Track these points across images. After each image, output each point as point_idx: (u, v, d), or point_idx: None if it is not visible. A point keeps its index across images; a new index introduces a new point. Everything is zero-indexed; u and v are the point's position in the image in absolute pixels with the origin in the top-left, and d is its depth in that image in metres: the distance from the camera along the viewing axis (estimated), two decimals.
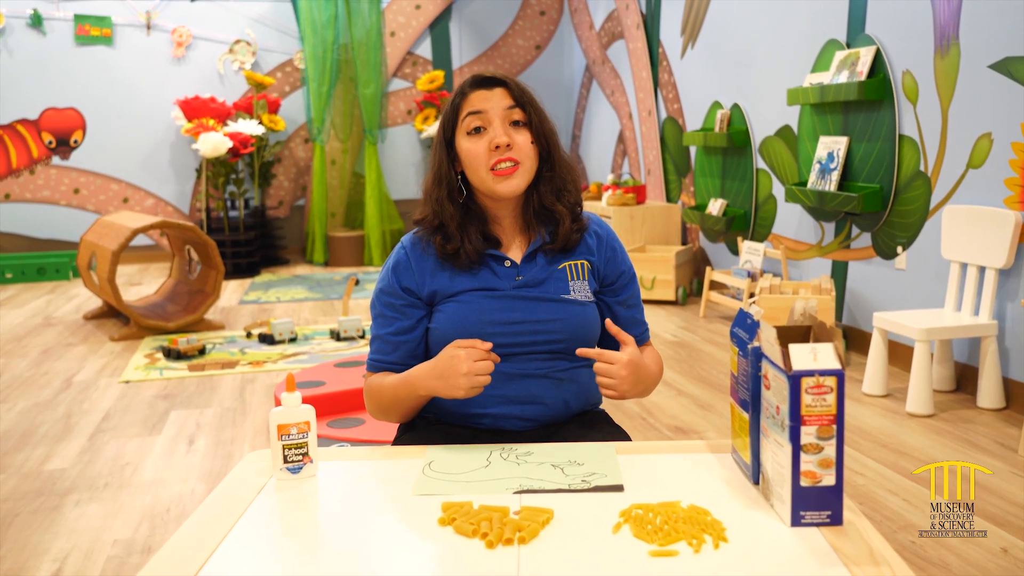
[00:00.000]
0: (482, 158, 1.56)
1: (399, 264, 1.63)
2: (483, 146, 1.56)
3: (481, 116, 1.57)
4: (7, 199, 7.54)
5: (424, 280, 1.61)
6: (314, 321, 5.35)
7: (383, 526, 1.17)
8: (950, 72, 3.59)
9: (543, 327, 1.58)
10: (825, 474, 1.12)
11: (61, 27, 7.46)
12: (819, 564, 1.04)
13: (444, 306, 1.60)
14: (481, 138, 1.57)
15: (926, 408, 3.34)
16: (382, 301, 1.64)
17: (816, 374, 1.10)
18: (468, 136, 1.58)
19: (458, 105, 1.60)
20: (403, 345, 1.62)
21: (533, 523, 1.12)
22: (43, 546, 2.41)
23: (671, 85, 6.27)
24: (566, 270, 1.63)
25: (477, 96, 1.58)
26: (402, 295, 1.62)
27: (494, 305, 1.58)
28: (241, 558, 1.10)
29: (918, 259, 3.88)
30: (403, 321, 1.62)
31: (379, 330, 1.64)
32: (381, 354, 1.64)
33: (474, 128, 1.57)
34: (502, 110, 1.57)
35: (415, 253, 1.63)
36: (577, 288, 1.62)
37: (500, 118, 1.57)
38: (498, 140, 1.55)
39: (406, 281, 1.62)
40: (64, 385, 4.04)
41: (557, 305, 1.59)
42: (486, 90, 1.59)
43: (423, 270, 1.61)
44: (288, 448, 1.31)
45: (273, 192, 8.05)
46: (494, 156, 1.55)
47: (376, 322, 1.65)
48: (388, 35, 8.03)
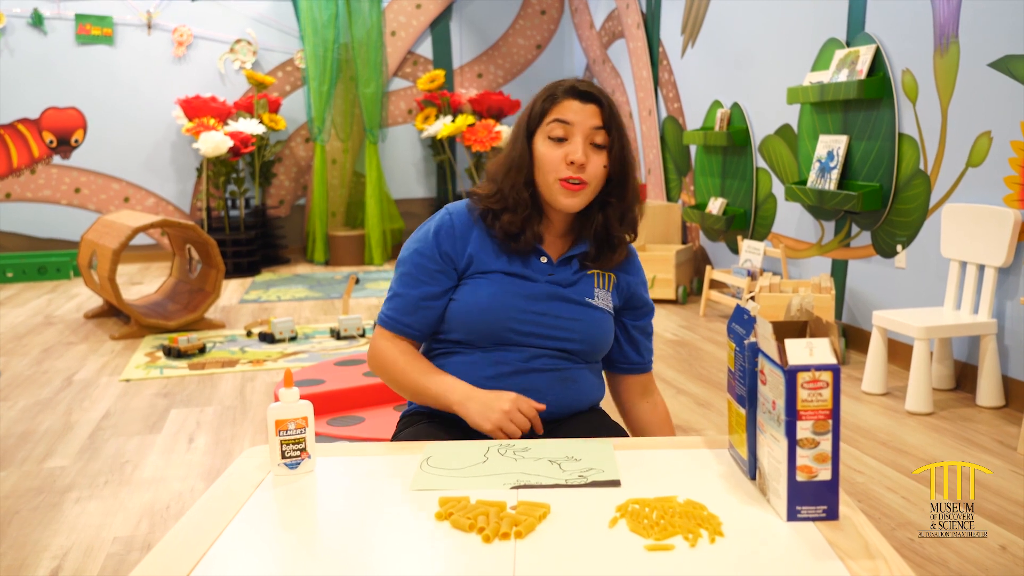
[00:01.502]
0: (554, 166, 1.58)
1: (442, 228, 1.64)
2: (559, 156, 1.57)
3: (566, 127, 1.58)
4: (8, 198, 7.55)
5: (464, 249, 1.63)
6: (314, 320, 5.36)
7: (380, 521, 1.17)
8: (950, 70, 3.59)
9: (562, 324, 1.61)
10: (821, 469, 1.12)
11: (62, 26, 7.47)
12: (815, 558, 1.04)
13: (474, 280, 1.62)
14: (560, 147, 1.58)
15: (925, 406, 3.34)
16: (414, 261, 1.64)
17: (812, 369, 1.10)
18: (548, 140, 1.59)
19: (548, 108, 1.61)
20: (423, 311, 1.63)
21: (530, 517, 1.13)
22: (43, 543, 2.42)
23: (671, 84, 6.27)
24: (594, 277, 1.67)
25: (569, 105, 1.59)
26: (438, 260, 1.63)
27: (522, 292, 1.60)
28: (238, 553, 1.10)
29: (918, 257, 3.88)
30: (431, 287, 1.62)
31: (403, 289, 1.64)
32: (399, 313, 1.64)
33: (557, 136, 1.58)
34: (588, 128, 1.58)
35: (461, 221, 1.65)
36: (601, 296, 1.66)
37: (583, 135, 1.58)
38: (575, 157, 1.56)
39: (446, 246, 1.63)
40: (65, 383, 4.04)
41: (579, 307, 1.63)
42: (580, 103, 1.59)
43: (466, 240, 1.63)
44: (286, 444, 1.32)
45: (274, 191, 8.05)
46: (565, 170, 1.57)
47: (401, 280, 1.65)
48: (389, 34, 8.03)
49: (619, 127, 1.60)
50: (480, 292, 1.60)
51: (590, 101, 1.59)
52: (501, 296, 1.59)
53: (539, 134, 1.61)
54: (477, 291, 1.60)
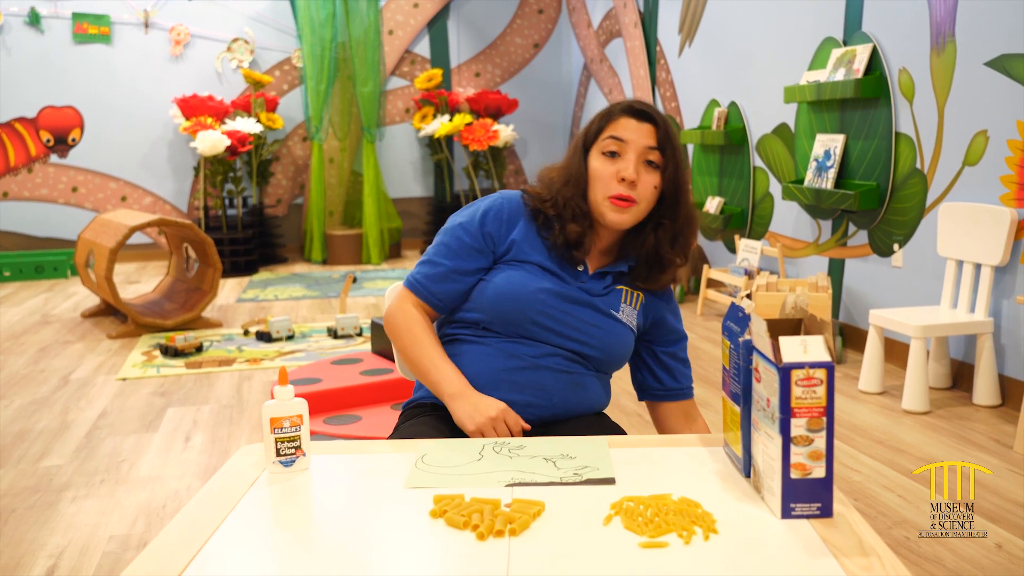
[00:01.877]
0: (605, 182, 1.60)
1: (492, 210, 1.67)
2: (611, 172, 1.59)
3: (620, 144, 1.59)
4: (5, 197, 7.54)
5: (508, 235, 1.66)
6: (312, 319, 5.35)
7: (375, 519, 1.17)
8: (946, 70, 3.60)
9: (584, 328, 1.63)
10: (815, 466, 1.12)
11: (59, 25, 7.46)
12: (809, 555, 1.04)
13: (510, 267, 1.64)
14: (612, 163, 1.60)
15: (922, 405, 3.34)
16: (456, 234, 1.66)
17: (806, 366, 1.10)
18: (602, 156, 1.61)
19: (604, 125, 1.63)
20: (451, 283, 1.65)
21: (524, 515, 1.13)
22: (39, 542, 2.41)
23: (668, 83, 6.28)
24: (622, 293, 1.69)
25: (625, 124, 1.60)
26: (480, 239, 1.65)
27: (552, 288, 1.62)
28: (233, 550, 1.10)
29: (914, 256, 3.88)
30: (465, 262, 1.65)
31: (438, 257, 1.66)
32: (428, 279, 1.66)
33: (610, 151, 1.60)
34: (642, 147, 1.59)
35: (512, 208, 1.68)
36: (626, 312, 1.68)
37: (637, 153, 1.59)
38: (626, 174, 1.58)
39: (491, 227, 1.66)
40: (61, 382, 4.04)
41: (604, 317, 1.65)
42: (636, 121, 1.60)
43: (512, 226, 1.66)
44: (281, 441, 1.31)
45: (271, 190, 8.05)
46: (616, 187, 1.59)
47: (438, 248, 1.67)
48: (386, 33, 8.03)
49: (674, 148, 1.61)
50: (513, 278, 1.63)
51: (646, 120, 1.61)
52: (532, 286, 1.62)
53: (594, 150, 1.63)
54: (511, 277, 1.63)
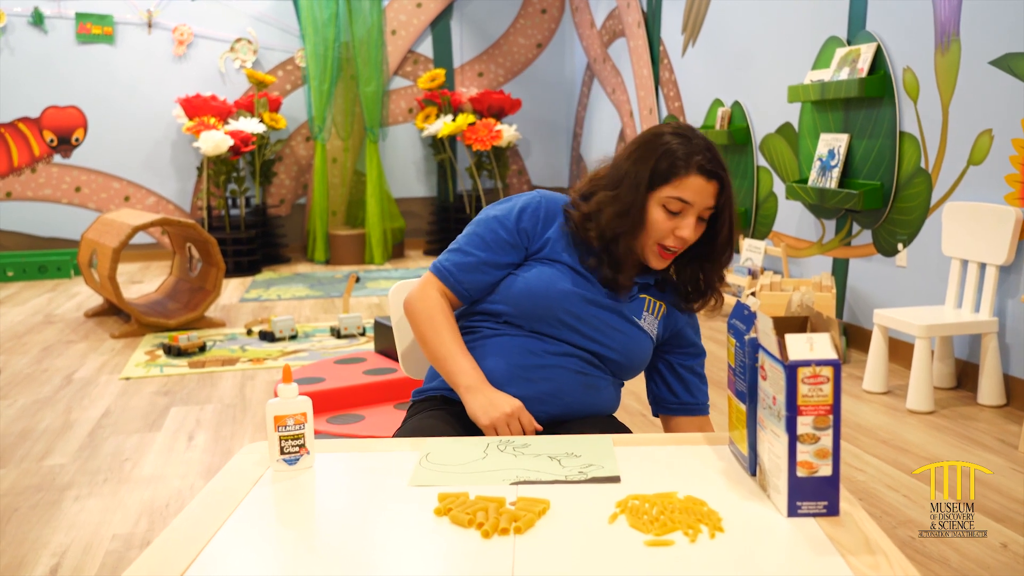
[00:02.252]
0: (660, 233, 1.60)
1: (529, 207, 1.68)
2: (668, 226, 1.59)
3: (685, 205, 1.58)
4: (8, 197, 7.55)
5: (543, 234, 1.66)
6: (315, 319, 5.35)
7: (379, 517, 1.17)
8: (951, 69, 3.59)
9: (605, 331, 1.64)
10: (822, 464, 1.11)
11: (62, 25, 7.47)
12: (815, 554, 1.03)
13: (540, 264, 1.65)
14: (671, 220, 1.59)
15: (926, 405, 3.34)
16: (490, 226, 1.67)
17: (812, 364, 1.10)
18: (663, 209, 1.59)
19: (673, 175, 1.58)
20: (480, 275, 1.66)
21: (529, 513, 1.12)
22: (42, 540, 2.41)
23: (672, 83, 6.27)
24: (645, 301, 1.69)
25: (694, 184, 1.57)
26: (515, 234, 1.66)
27: (578, 291, 1.63)
28: (236, 549, 1.09)
29: (919, 256, 3.87)
30: (496, 255, 1.66)
31: (469, 247, 1.67)
32: (457, 268, 1.66)
33: (673, 210, 1.59)
34: (703, 207, 1.60)
35: (550, 209, 1.68)
36: (648, 320, 1.69)
37: (696, 213, 1.59)
38: (684, 234, 1.59)
39: (527, 224, 1.66)
40: (64, 382, 4.04)
41: (626, 323, 1.66)
42: (704, 180, 1.58)
43: (548, 226, 1.67)
44: (285, 439, 1.31)
45: (274, 190, 8.05)
46: (669, 240, 1.60)
47: (470, 238, 1.67)
48: (389, 33, 8.03)
49: (730, 203, 1.62)
50: (544, 275, 1.63)
51: (714, 179, 1.59)
52: (561, 286, 1.62)
53: (655, 197, 1.60)
54: (541, 273, 1.64)
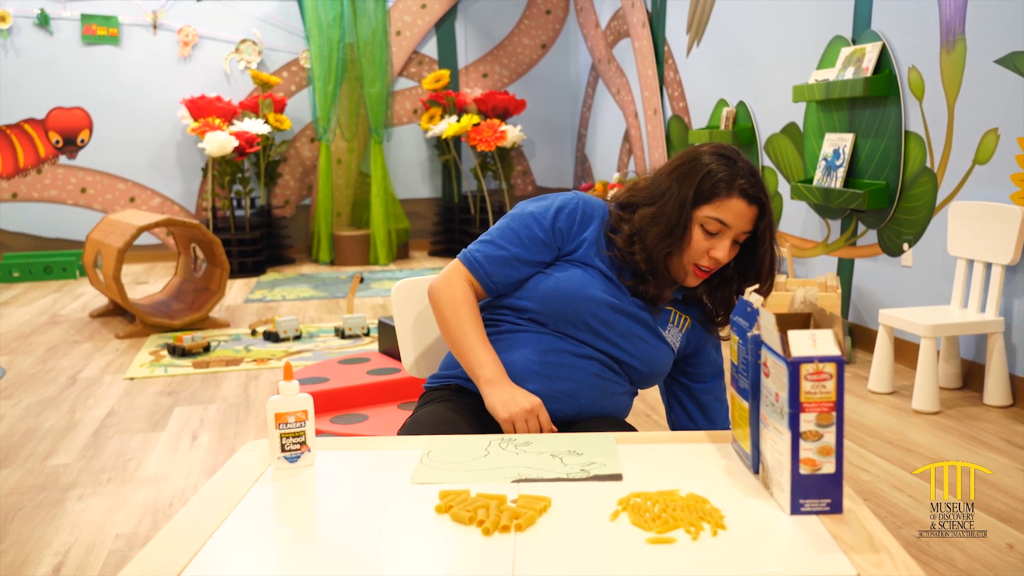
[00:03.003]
0: (697, 253, 1.60)
1: (567, 207, 1.67)
2: (704, 246, 1.60)
3: (724, 227, 1.59)
4: (14, 198, 7.57)
5: (579, 235, 1.66)
6: (319, 319, 5.35)
7: (380, 514, 1.16)
8: (956, 68, 3.57)
9: (629, 339, 1.64)
10: (825, 462, 1.11)
11: (68, 27, 7.48)
12: (818, 551, 1.03)
13: (573, 266, 1.65)
14: (707, 240, 1.59)
15: (932, 405, 3.32)
16: (526, 222, 1.66)
17: (815, 360, 1.09)
18: (700, 228, 1.59)
19: (715, 195, 1.58)
20: (510, 270, 1.65)
21: (530, 511, 1.12)
22: (46, 539, 2.41)
23: (676, 83, 6.26)
24: (671, 313, 1.70)
25: (736, 207, 1.58)
26: (549, 233, 1.65)
27: (607, 297, 1.63)
28: (237, 546, 1.09)
29: (924, 256, 3.86)
30: (529, 252, 1.65)
31: (502, 241, 1.66)
32: (487, 260, 1.65)
33: (711, 231, 1.59)
34: (740, 231, 1.60)
35: (587, 211, 1.67)
36: (672, 333, 1.70)
37: (734, 236, 1.60)
38: (719, 256, 1.59)
39: (563, 224, 1.65)
40: (69, 382, 4.04)
41: (651, 333, 1.67)
42: (746, 205, 1.58)
43: (584, 228, 1.66)
44: (286, 437, 1.31)
45: (279, 191, 8.05)
46: (704, 260, 1.61)
47: (503, 232, 1.66)
48: (394, 34, 8.03)
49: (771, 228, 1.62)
50: (575, 277, 1.63)
51: (755, 204, 1.59)
52: (590, 290, 1.62)
53: (695, 217, 1.59)
54: (572, 276, 1.63)
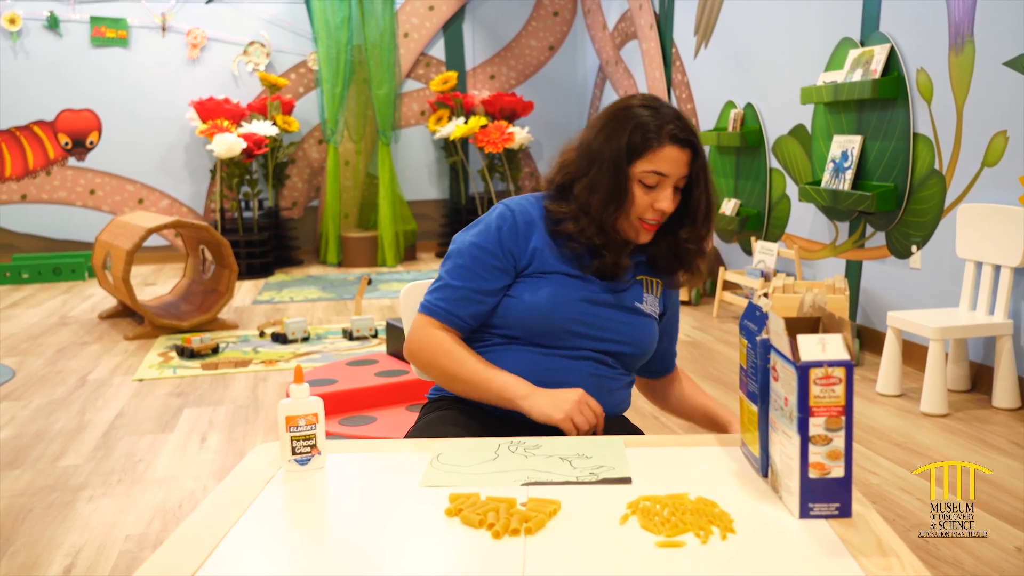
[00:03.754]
0: (641, 207, 1.60)
1: (505, 223, 1.63)
2: (646, 201, 1.60)
3: (662, 177, 1.59)
4: (24, 200, 7.60)
5: (527, 247, 1.63)
6: (327, 321, 5.37)
7: (390, 517, 1.17)
8: (965, 70, 3.57)
9: (613, 327, 1.63)
10: (834, 466, 1.11)
11: (77, 29, 7.52)
12: (827, 555, 1.03)
13: (533, 279, 1.62)
14: (648, 193, 1.59)
15: (940, 408, 3.32)
16: (472, 254, 1.62)
17: (825, 365, 1.09)
18: (641, 185, 1.59)
19: (650, 147, 1.58)
20: (476, 305, 1.62)
21: (540, 514, 1.12)
22: (56, 540, 2.43)
23: (684, 85, 6.26)
24: (643, 283, 1.69)
25: (668, 155, 1.58)
26: (501, 256, 1.62)
27: (577, 294, 1.62)
28: (248, 549, 1.10)
29: (933, 258, 3.85)
30: (488, 282, 1.62)
31: (457, 280, 1.62)
32: (450, 303, 1.61)
33: (650, 184, 1.59)
34: (678, 176, 1.60)
35: (524, 219, 1.65)
36: (648, 301, 1.69)
37: (673, 184, 1.60)
38: (663, 207, 1.59)
39: (509, 243, 1.62)
40: (79, 383, 4.06)
41: (629, 313, 1.66)
42: (679, 150, 1.58)
43: (528, 237, 1.64)
44: (296, 440, 1.31)
45: (287, 193, 8.08)
46: (649, 213, 1.60)
47: (456, 271, 1.62)
48: (401, 36, 8.05)
49: (705, 170, 1.62)
50: (540, 292, 1.60)
51: (689, 148, 1.60)
52: (560, 297, 1.60)
53: (632, 174, 1.59)
54: (537, 291, 1.60)
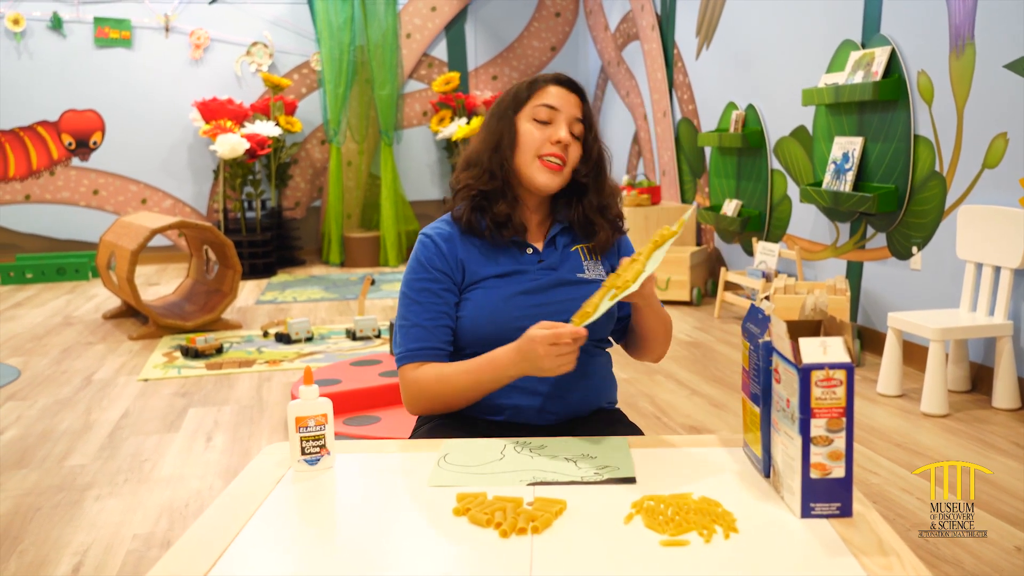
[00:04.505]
0: (538, 143, 1.63)
1: (427, 251, 1.65)
2: (544, 135, 1.63)
3: (554, 112, 1.64)
4: (28, 200, 7.62)
5: (455, 260, 1.65)
6: (330, 321, 5.39)
7: (398, 516, 1.19)
8: (965, 72, 3.59)
9: (564, 306, 1.60)
10: (835, 466, 1.13)
11: (81, 30, 7.54)
12: (829, 555, 1.05)
13: (470, 293, 1.64)
14: (545, 129, 1.64)
15: (941, 408, 3.33)
16: (415, 288, 1.63)
17: (826, 367, 1.11)
18: (534, 122, 1.64)
19: (533, 92, 1.66)
20: (440, 328, 1.62)
21: (546, 513, 1.14)
22: (64, 540, 2.45)
23: (686, 86, 6.28)
24: (579, 252, 1.70)
25: (557, 92, 1.65)
26: (439, 277, 1.63)
27: (517, 289, 1.63)
28: (259, 549, 1.12)
29: (933, 259, 3.87)
30: (440, 305, 1.63)
31: (414, 318, 1.62)
32: (420, 342, 1.61)
33: (541, 119, 1.64)
34: (571, 116, 1.65)
35: (442, 238, 1.67)
36: (591, 267, 1.70)
37: (567, 121, 1.64)
38: (560, 136, 1.62)
39: (439, 264, 1.64)
40: (84, 383, 4.08)
41: (575, 287, 1.66)
42: (566, 91, 1.66)
43: (453, 252, 1.65)
44: (306, 440, 1.34)
45: (290, 193, 8.09)
46: (549, 148, 1.63)
47: (409, 310, 1.63)
48: (404, 37, 8.07)
49: (594, 123, 1.69)
50: (479, 303, 1.62)
51: (574, 91, 1.67)
52: (499, 300, 1.61)
53: (522, 117, 1.66)
54: (476, 304, 1.62)
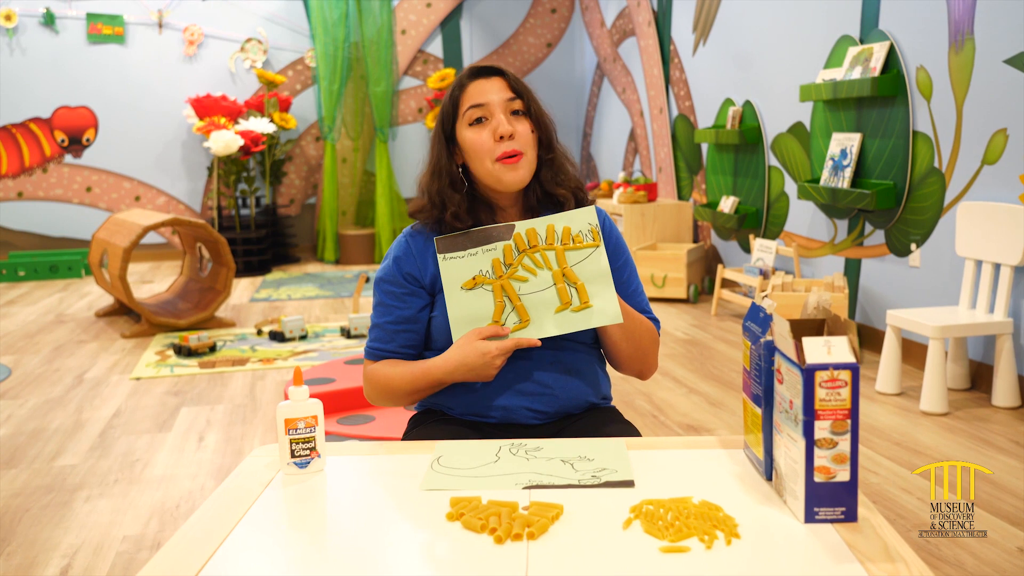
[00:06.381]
0: (487, 148, 1.57)
1: (401, 251, 1.65)
2: (487, 136, 1.57)
3: (483, 108, 1.58)
4: (20, 197, 7.58)
5: (427, 267, 1.62)
6: (325, 319, 5.35)
7: (391, 521, 1.16)
8: (965, 67, 3.56)
9: None
10: (839, 470, 1.10)
11: (73, 26, 7.49)
12: (833, 561, 1.02)
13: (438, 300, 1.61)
14: (484, 128, 1.58)
15: (940, 406, 3.31)
16: (382, 289, 1.65)
17: (830, 368, 1.08)
18: (471, 127, 1.59)
19: (457, 98, 1.61)
20: (401, 334, 1.63)
21: (542, 518, 1.11)
22: (53, 541, 2.41)
23: (682, 82, 6.25)
24: None
25: (476, 87, 1.59)
26: (403, 283, 1.63)
27: None
28: (248, 552, 1.09)
29: (932, 256, 3.84)
30: (403, 310, 1.62)
31: (378, 319, 1.65)
32: (379, 343, 1.64)
33: (476, 119, 1.58)
34: (503, 101, 1.58)
35: (416, 242, 1.64)
36: None
37: (501, 108, 1.58)
38: (502, 130, 1.56)
39: (408, 267, 1.62)
40: (75, 382, 4.04)
41: None
42: (485, 80, 1.60)
43: (425, 257, 1.62)
44: (296, 443, 1.30)
45: (284, 190, 8.06)
46: (499, 147, 1.57)
47: (376, 311, 1.66)
48: (399, 33, 8.03)
49: (528, 91, 1.62)
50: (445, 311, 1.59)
51: (493, 75, 1.60)
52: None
53: (460, 128, 1.61)
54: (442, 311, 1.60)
